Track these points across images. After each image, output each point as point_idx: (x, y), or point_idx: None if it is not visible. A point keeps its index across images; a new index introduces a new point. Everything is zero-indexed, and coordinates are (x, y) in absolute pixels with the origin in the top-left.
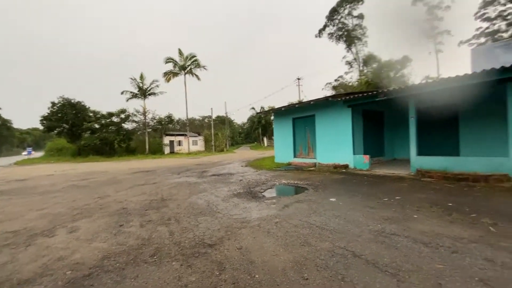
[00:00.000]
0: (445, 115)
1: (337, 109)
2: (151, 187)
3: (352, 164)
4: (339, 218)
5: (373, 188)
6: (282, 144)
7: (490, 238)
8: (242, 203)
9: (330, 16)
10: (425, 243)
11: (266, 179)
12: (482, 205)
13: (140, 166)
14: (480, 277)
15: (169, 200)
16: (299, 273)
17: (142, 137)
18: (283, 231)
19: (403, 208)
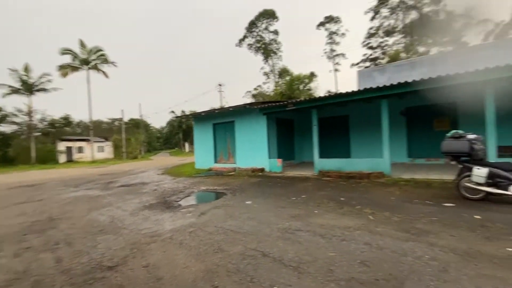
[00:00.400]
0: (340, 123)
1: (254, 116)
2: (35, 205)
3: (268, 168)
4: (253, 220)
5: (284, 189)
6: (202, 149)
7: (369, 225)
8: (154, 215)
9: (249, 28)
10: (322, 235)
11: (184, 187)
12: (365, 198)
13: (22, 180)
14: (361, 259)
15: (60, 219)
16: (209, 282)
17: (26, 143)
18: (197, 240)
19: (307, 205)
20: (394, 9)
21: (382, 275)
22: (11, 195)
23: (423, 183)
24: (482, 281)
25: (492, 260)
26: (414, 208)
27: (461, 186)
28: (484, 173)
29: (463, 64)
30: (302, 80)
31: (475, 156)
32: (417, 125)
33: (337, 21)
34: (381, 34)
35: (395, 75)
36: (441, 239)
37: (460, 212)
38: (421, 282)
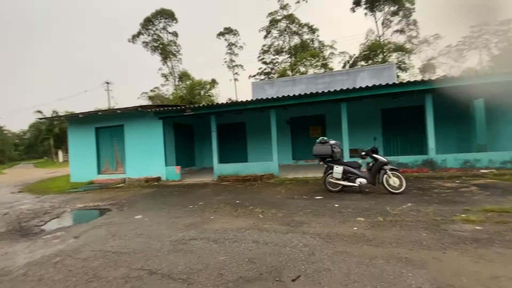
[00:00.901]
0: (238, 129)
1: (149, 121)
2: None
3: (164, 176)
4: (141, 237)
5: (181, 197)
6: (81, 158)
7: (259, 223)
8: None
9: (145, 25)
10: (215, 240)
11: (52, 207)
12: (257, 198)
13: None
14: (249, 257)
15: None
16: None
17: None
18: (65, 271)
19: (204, 212)
20: (282, 32)
21: (266, 268)
22: None
23: (303, 181)
24: (336, 257)
25: (343, 239)
26: (295, 203)
27: (327, 181)
28: (341, 170)
29: (329, 85)
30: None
31: (335, 157)
32: (298, 132)
33: (235, 33)
34: (272, 52)
35: (282, 89)
36: (312, 227)
37: (326, 203)
38: (296, 267)
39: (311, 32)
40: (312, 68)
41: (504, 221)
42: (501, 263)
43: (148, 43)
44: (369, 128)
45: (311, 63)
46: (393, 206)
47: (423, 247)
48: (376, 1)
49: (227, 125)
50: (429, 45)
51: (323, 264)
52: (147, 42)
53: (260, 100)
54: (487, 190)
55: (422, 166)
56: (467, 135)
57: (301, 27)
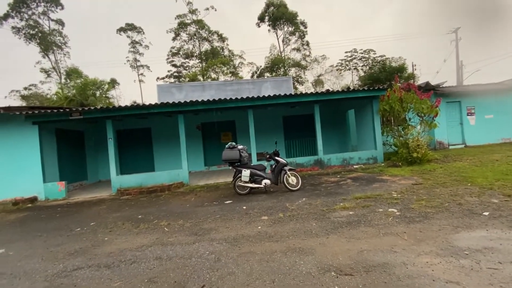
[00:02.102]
0: (142, 136)
1: (17, 126)
2: None
3: (43, 195)
4: (2, 278)
5: (65, 220)
6: None
7: (163, 237)
8: None
9: (15, 6)
10: (108, 265)
11: None
12: (163, 210)
13: None
14: (149, 277)
15: None
16: None
17: None
18: None
19: (96, 234)
20: (192, 37)
21: (167, 286)
22: None
23: (214, 187)
24: (241, 258)
25: (249, 239)
26: (204, 210)
27: (236, 185)
28: (248, 174)
29: (237, 92)
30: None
31: (243, 161)
32: (210, 138)
33: (140, 31)
34: (182, 55)
35: (191, 93)
36: (219, 233)
37: (234, 206)
38: (200, 278)
39: (221, 40)
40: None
41: (368, 205)
42: (365, 239)
43: (21, 29)
44: (273, 133)
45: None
46: (291, 202)
47: (312, 235)
48: (277, 20)
49: (129, 131)
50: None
51: (228, 269)
52: (19, 28)
53: (166, 104)
54: (357, 181)
55: (314, 165)
56: (344, 138)
57: (211, 34)
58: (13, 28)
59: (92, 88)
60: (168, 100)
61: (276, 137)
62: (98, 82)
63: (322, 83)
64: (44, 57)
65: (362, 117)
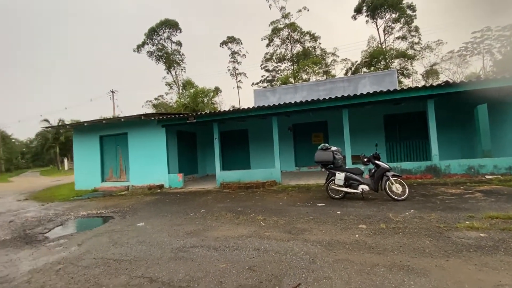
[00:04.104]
0: (240, 137)
1: (152, 129)
2: None
3: (167, 184)
4: (143, 244)
5: (183, 205)
6: (85, 166)
7: (260, 231)
8: (5, 255)
9: (149, 35)
10: (216, 248)
11: (56, 214)
12: (259, 206)
13: None
14: (249, 265)
15: None
16: None
17: None
18: (67, 279)
19: (205, 220)
20: (284, 40)
21: (266, 276)
22: None
23: (305, 188)
24: (337, 264)
25: (345, 246)
26: (296, 210)
27: (329, 188)
28: (343, 177)
29: (330, 91)
30: (207, 94)
31: (336, 164)
32: (301, 139)
33: (238, 42)
34: (275, 60)
35: (284, 96)
36: (313, 234)
37: (328, 210)
38: (296, 275)
39: (313, 39)
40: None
41: (509, 228)
42: (506, 271)
43: (153, 52)
44: (371, 134)
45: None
46: (395, 213)
47: (425, 254)
48: (377, 9)
49: (229, 132)
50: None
51: (324, 272)
52: (152, 52)
53: (262, 108)
54: (492, 196)
55: (425, 172)
56: (471, 141)
57: (303, 35)
58: (147, 53)
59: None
60: (264, 103)
61: (376, 139)
62: (205, 91)
63: (437, 73)
64: (167, 73)
65: (501, 114)
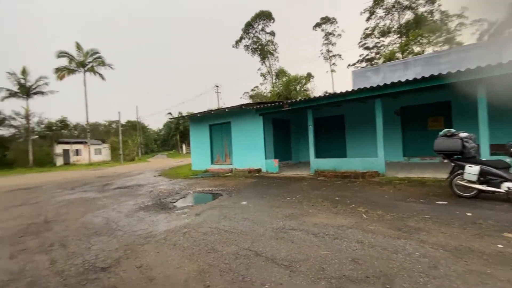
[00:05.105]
0: (336, 123)
1: (251, 117)
2: (31, 208)
3: (264, 168)
4: (247, 221)
5: (280, 189)
6: (199, 151)
7: (362, 223)
8: (149, 216)
9: (245, 29)
10: (315, 234)
11: (180, 188)
12: (359, 197)
13: (19, 183)
14: (353, 257)
15: (55, 221)
16: (201, 281)
17: (23, 146)
18: (191, 241)
19: (302, 205)
20: (390, 10)
21: (373, 272)
22: (8, 198)
23: (417, 182)
24: (471, 277)
25: (481, 256)
26: (407, 206)
27: (453, 184)
28: (476, 171)
29: (457, 63)
30: (299, 81)
31: (467, 154)
32: (411, 124)
33: (333, 22)
34: (376, 35)
35: (389, 74)
36: (432, 236)
37: (452, 210)
38: (411, 278)
39: (430, 2)
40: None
41: None
42: None
43: (249, 46)
44: None
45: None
46: None
47: None
48: None
49: (324, 119)
50: None
51: (451, 282)
52: (248, 45)
53: (363, 90)
54: None
55: None
56: None
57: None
58: (244, 47)
59: (293, 84)
60: (364, 84)
61: None
62: (298, 78)
63: None
64: (262, 64)
65: None
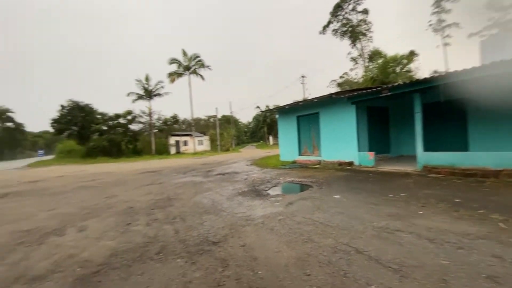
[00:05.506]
0: (452, 110)
1: (341, 106)
2: (157, 187)
3: (357, 161)
4: (342, 215)
5: (377, 185)
6: (286, 142)
7: (500, 235)
8: (246, 201)
9: (334, 12)
10: (430, 239)
11: (271, 177)
12: (492, 201)
13: (146, 167)
14: (488, 274)
15: (175, 199)
16: (301, 269)
17: (148, 138)
18: (287, 228)
19: (408, 205)
20: None
21: None
22: (141, 179)
23: None
24: None
25: None
26: None
27: None
28: None
29: None
30: (399, 61)
31: None
32: None
33: None
34: None
35: None
36: None
37: None
38: None
39: None
40: None
41: None
42: None
43: (337, 29)
44: None
45: None
46: None
47: None
48: None
49: (434, 104)
50: None
51: None
52: (336, 29)
53: (503, 63)
54: None
55: None
56: None
57: None
58: (332, 31)
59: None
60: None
61: None
62: (398, 58)
63: None
64: (352, 48)
65: None
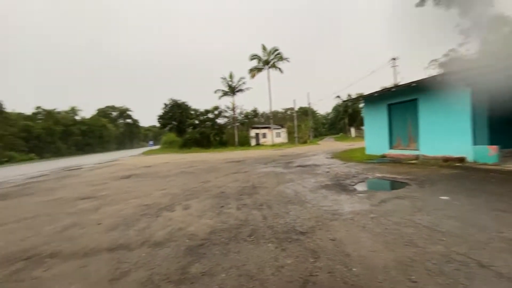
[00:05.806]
0: None
1: (449, 90)
2: (242, 175)
3: (471, 157)
4: (454, 220)
5: (504, 187)
6: (374, 134)
7: None
8: (331, 195)
9: None
10: None
11: (357, 172)
12: None
13: (231, 157)
14: None
15: (259, 187)
16: (404, 274)
17: (232, 131)
18: (382, 227)
19: None
20: None
21: None
22: (228, 167)
23: None
24: None
25: None
26: None
27: None
28: None
29: None
30: None
31: None
32: None
33: None
34: None
35: None
36: None
37: None
38: None
39: None
40: None
41: None
42: None
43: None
44: None
45: None
46: None
47: None
48: None
49: None
50: None
51: None
52: None
53: None
54: None
55: None
56: None
57: None
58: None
59: None
60: None
61: None
62: None
63: None
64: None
65: None
